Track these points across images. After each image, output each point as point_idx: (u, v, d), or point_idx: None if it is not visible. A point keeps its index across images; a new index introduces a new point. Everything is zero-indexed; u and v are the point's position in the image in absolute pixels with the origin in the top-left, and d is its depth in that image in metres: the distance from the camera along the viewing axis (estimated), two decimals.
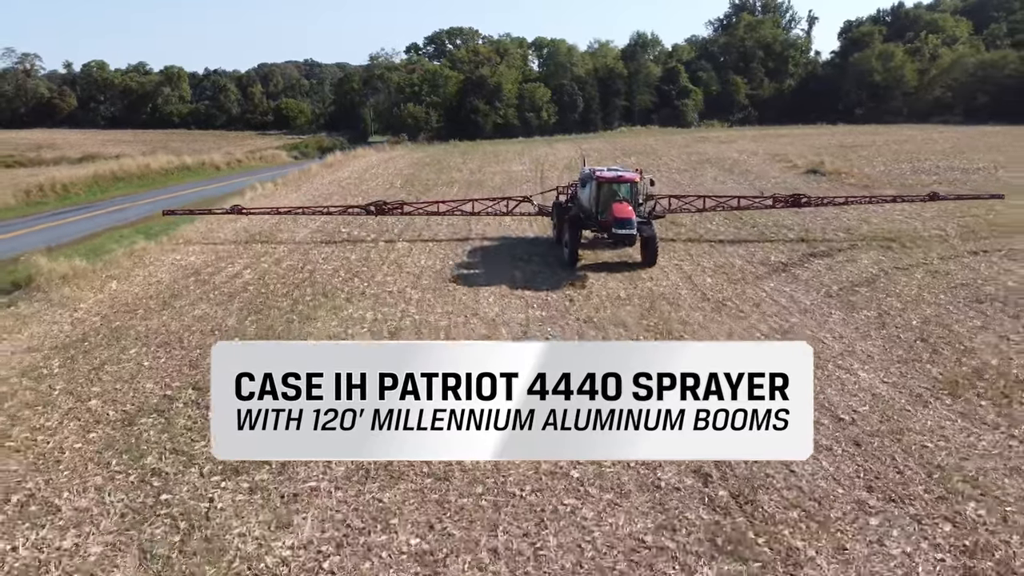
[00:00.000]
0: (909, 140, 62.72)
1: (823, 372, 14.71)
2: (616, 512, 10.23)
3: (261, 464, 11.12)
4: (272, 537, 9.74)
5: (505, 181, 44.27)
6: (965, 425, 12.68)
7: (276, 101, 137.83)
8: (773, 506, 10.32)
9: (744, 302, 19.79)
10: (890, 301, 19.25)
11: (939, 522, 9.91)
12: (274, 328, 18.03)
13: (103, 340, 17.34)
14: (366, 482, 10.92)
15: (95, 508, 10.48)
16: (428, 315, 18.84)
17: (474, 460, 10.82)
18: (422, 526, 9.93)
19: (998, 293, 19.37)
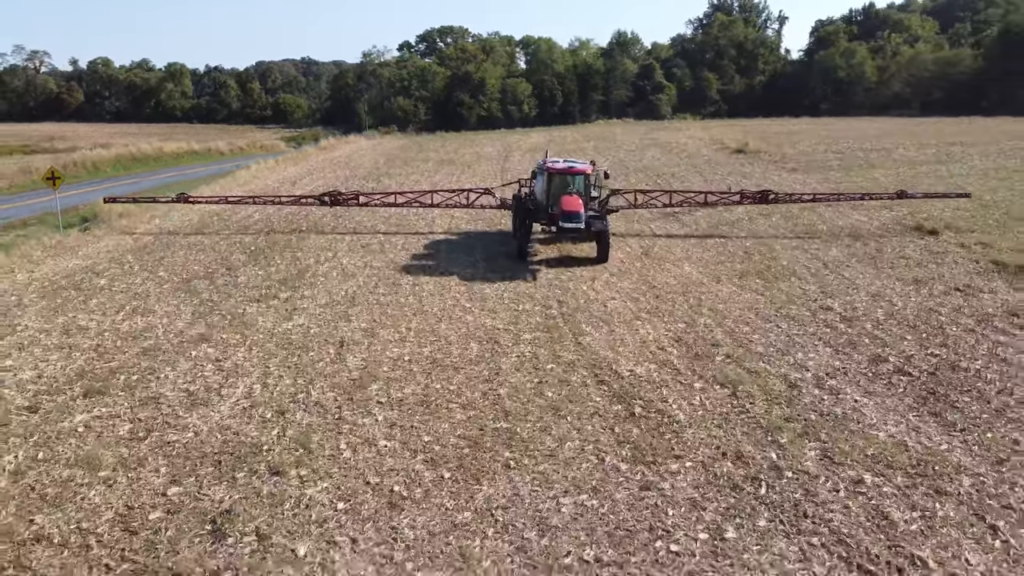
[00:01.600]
0: (847, 129, 69.82)
1: (660, 267, 21.88)
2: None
3: (277, 294, 18.35)
4: (281, 322, 16.83)
5: (474, 159, 51.43)
6: (734, 290, 19.75)
7: (274, 97, 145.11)
8: (584, 318, 17.35)
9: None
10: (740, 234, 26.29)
11: (677, 322, 16.98)
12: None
13: (159, 247, 24.57)
14: (336, 307, 18.04)
15: (175, 311, 17.63)
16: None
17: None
18: (367, 326, 17.00)
19: (822, 231, 26.32)
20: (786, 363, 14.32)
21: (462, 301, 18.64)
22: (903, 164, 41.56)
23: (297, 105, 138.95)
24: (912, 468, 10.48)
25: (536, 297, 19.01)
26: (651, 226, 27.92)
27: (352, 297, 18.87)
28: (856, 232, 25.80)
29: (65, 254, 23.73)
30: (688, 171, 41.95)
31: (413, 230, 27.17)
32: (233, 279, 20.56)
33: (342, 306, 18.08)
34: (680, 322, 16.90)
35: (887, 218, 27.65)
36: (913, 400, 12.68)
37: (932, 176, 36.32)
